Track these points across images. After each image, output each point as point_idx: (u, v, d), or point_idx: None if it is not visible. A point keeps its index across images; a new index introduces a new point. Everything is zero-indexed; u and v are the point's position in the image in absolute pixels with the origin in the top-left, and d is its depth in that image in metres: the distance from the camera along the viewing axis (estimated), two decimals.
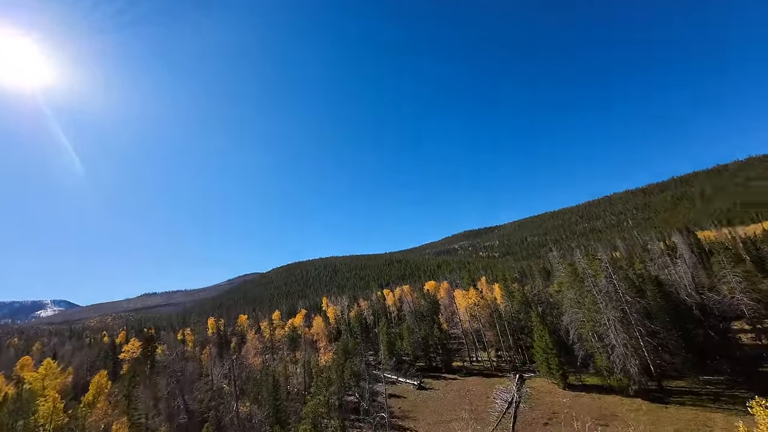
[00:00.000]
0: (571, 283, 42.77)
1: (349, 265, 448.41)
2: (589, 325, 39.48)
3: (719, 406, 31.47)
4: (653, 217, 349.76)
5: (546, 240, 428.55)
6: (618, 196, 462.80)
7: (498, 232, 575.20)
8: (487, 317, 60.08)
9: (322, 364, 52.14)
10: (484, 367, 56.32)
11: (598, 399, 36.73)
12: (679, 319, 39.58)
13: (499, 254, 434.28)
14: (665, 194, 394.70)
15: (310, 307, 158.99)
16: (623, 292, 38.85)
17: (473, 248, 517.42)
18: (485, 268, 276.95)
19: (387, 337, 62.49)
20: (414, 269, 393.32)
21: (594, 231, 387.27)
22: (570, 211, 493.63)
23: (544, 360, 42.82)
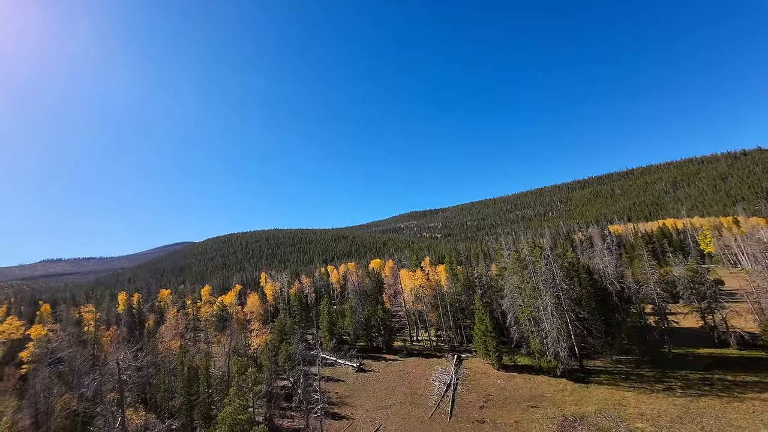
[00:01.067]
0: (515, 269, 43.56)
1: (294, 239, 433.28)
2: (528, 310, 40.72)
3: (630, 384, 34.73)
4: (573, 210, 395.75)
5: (483, 224, 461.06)
6: (547, 189, 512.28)
7: (442, 215, 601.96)
8: (431, 298, 60.29)
9: (254, 348, 47.30)
10: (424, 347, 56.82)
11: (529, 380, 38.48)
12: (603, 305, 42.93)
13: (442, 235, 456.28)
14: (584, 190, 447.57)
15: (246, 282, 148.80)
16: (560, 280, 40.49)
17: (418, 228, 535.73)
18: (429, 248, 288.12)
19: (328, 317, 59.49)
20: (360, 246, 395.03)
21: (524, 219, 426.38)
22: (505, 200, 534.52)
23: (482, 342, 43.73)
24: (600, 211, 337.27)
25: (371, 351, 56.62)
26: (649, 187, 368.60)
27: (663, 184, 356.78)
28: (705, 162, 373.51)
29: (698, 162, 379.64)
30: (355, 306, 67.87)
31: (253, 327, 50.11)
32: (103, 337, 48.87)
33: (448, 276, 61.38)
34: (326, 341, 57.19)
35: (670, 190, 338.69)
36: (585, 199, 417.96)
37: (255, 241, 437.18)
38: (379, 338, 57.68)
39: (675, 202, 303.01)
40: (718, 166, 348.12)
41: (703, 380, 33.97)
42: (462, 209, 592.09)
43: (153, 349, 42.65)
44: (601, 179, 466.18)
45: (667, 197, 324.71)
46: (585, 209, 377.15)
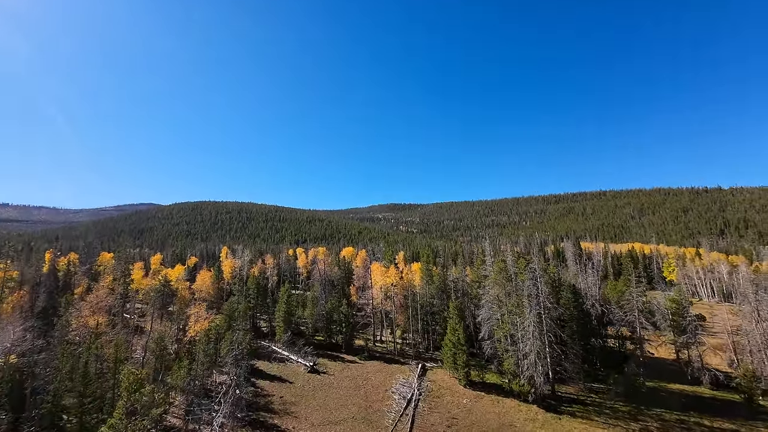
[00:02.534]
0: (498, 280, 39.57)
1: (267, 216, 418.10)
2: (506, 327, 36.92)
3: (604, 420, 31.86)
4: (545, 222, 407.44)
5: (459, 225, 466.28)
6: (524, 198, 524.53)
7: (420, 210, 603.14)
8: (401, 299, 55.83)
9: (191, 335, 40.65)
10: (387, 350, 52.45)
11: (498, 403, 34.88)
12: (584, 328, 40.05)
13: (418, 231, 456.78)
14: (559, 205, 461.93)
15: (207, 255, 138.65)
16: (544, 297, 36.92)
17: (395, 221, 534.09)
18: (404, 242, 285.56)
19: (286, 305, 53.56)
20: (335, 231, 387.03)
21: (499, 225, 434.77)
22: (482, 204, 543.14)
23: (452, 355, 39.74)
24: (571, 226, 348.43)
25: (329, 348, 51.52)
26: (618, 210, 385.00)
27: (631, 209, 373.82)
28: (671, 194, 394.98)
29: (665, 192, 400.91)
30: (319, 296, 62.31)
31: (192, 311, 43.06)
32: (3, 303, 40.15)
33: (423, 276, 57.00)
34: (280, 333, 51.39)
35: (636, 216, 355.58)
36: (558, 213, 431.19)
37: (226, 213, 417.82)
38: (339, 335, 52.64)
39: (639, 227, 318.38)
40: (682, 199, 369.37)
41: (679, 422, 31.65)
42: (440, 207, 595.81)
43: (64, 326, 35.06)
44: (576, 196, 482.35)
45: (632, 222, 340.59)
46: (557, 223, 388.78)
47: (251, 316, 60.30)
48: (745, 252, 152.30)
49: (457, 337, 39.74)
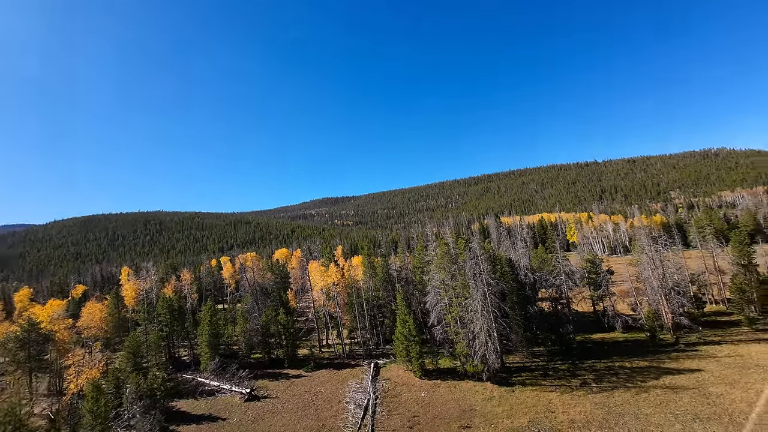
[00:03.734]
0: (443, 264, 38.78)
1: (183, 224, 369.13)
2: (455, 310, 36.36)
3: (550, 382, 33.62)
4: (468, 203, 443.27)
5: (393, 213, 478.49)
6: (448, 183, 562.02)
7: (354, 203, 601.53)
8: (345, 296, 52.27)
9: (77, 386, 30.93)
10: (335, 354, 48.66)
11: (455, 388, 34.30)
12: (522, 298, 42.05)
13: (354, 223, 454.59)
14: (478, 186, 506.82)
15: (103, 280, 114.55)
16: (487, 275, 37.32)
17: (330, 215, 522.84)
18: (341, 235, 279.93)
19: (211, 326, 45.50)
20: (265, 233, 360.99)
21: (429, 209, 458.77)
22: (412, 191, 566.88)
23: (404, 348, 38.02)
24: (489, 204, 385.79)
25: (269, 366, 45.56)
26: (525, 186, 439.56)
27: (534, 185, 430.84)
28: (562, 169, 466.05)
29: (558, 168, 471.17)
30: (251, 308, 54.97)
31: (71, 359, 32.87)
32: None
33: (365, 270, 54.20)
34: (206, 360, 43.41)
35: (539, 190, 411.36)
36: (478, 193, 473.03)
37: (128, 225, 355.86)
38: (279, 349, 46.93)
39: (542, 199, 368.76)
40: (571, 173, 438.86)
41: (608, 369, 35.13)
42: (373, 198, 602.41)
43: None
44: (491, 177, 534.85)
45: (537, 195, 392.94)
46: (478, 202, 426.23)
47: (166, 346, 50.24)
48: (622, 212, 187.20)
49: (408, 328, 38.06)
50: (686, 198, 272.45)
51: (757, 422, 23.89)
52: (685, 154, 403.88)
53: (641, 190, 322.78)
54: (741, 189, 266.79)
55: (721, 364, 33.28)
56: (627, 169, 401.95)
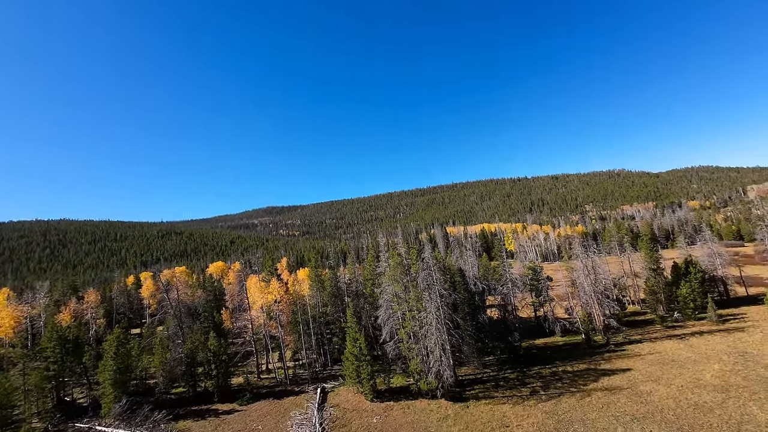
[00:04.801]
0: (396, 277, 36.95)
1: (94, 235, 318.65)
2: (409, 324, 34.58)
3: (502, 393, 33.36)
4: (415, 213, 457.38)
5: (341, 223, 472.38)
6: (396, 193, 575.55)
7: (301, 212, 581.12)
8: (289, 314, 47.45)
9: None
10: (276, 380, 43.40)
11: (409, 409, 32.15)
12: (473, 307, 42.04)
13: (300, 233, 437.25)
14: (424, 197, 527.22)
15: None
16: (440, 286, 36.41)
17: (274, 225, 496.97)
18: (286, 246, 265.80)
19: (116, 359, 37.27)
20: (200, 244, 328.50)
21: (378, 219, 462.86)
22: (361, 201, 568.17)
23: (355, 368, 34.95)
24: (435, 215, 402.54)
25: (195, 402, 38.72)
26: (466, 198, 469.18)
27: (475, 197, 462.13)
28: (498, 183, 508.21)
29: (494, 183, 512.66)
30: (174, 333, 47.04)
31: None
32: None
33: (312, 284, 50.16)
34: (108, 402, 35.12)
35: (479, 202, 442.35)
36: (425, 204, 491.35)
37: (19, 238, 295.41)
38: (208, 380, 40.28)
39: (482, 211, 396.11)
40: (505, 187, 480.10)
41: (553, 375, 36.20)
42: (321, 207, 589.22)
43: None
44: (435, 189, 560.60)
45: (477, 207, 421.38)
46: (425, 213, 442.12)
47: (54, 388, 40.01)
48: (550, 223, 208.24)
49: (359, 347, 35.19)
50: (598, 211, 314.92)
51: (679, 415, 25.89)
52: (595, 173, 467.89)
53: (563, 203, 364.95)
54: (637, 204, 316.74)
55: (645, 362, 36.40)
56: (551, 185, 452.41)
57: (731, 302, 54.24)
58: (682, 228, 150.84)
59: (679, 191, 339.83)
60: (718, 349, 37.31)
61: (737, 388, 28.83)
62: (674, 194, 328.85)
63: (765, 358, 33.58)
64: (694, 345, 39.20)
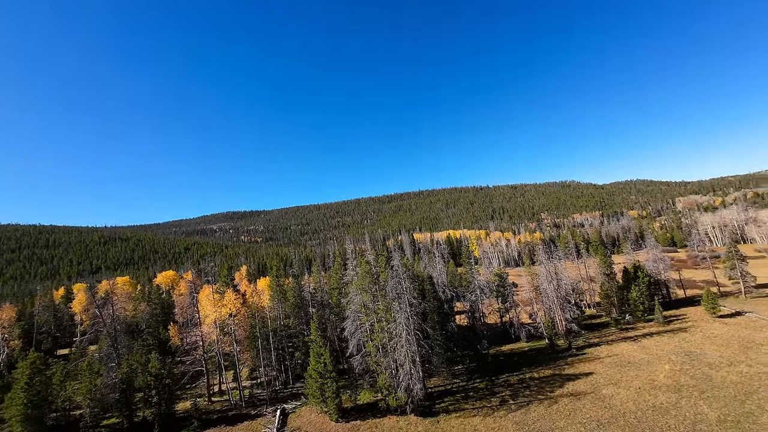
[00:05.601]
0: (364, 286, 35.03)
1: (20, 240, 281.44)
2: (378, 337, 32.71)
3: (472, 405, 32.51)
4: (383, 220, 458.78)
5: (307, 229, 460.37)
6: (364, 200, 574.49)
7: (264, 217, 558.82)
8: (247, 328, 43.46)
9: None
10: (231, 403, 39.15)
11: (377, 428, 30.10)
12: (442, 316, 41.20)
13: (263, 240, 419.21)
14: (391, 204, 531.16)
15: None
16: (409, 295, 35.10)
17: (235, 231, 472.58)
18: (247, 253, 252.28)
19: (30, 390, 31.28)
20: (148, 251, 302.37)
21: (345, 225, 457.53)
22: (328, 206, 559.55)
23: (319, 387, 32.30)
24: (402, 222, 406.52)
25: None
26: (432, 205, 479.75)
27: (440, 205, 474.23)
28: (462, 191, 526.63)
29: (459, 191, 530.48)
30: (107, 355, 41.00)
31: None
32: None
33: (274, 294, 46.57)
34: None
35: (444, 209, 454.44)
36: (392, 211, 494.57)
37: None
38: (148, 408, 35.21)
39: (447, 218, 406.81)
40: (469, 195, 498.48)
41: (521, 382, 36.15)
42: (286, 213, 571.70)
43: None
44: (403, 196, 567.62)
45: (442, 214, 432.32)
46: (392, 219, 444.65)
47: None
48: (510, 230, 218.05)
49: (323, 362, 32.63)
50: (552, 219, 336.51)
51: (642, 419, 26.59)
52: (549, 184, 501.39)
53: (521, 211, 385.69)
54: (586, 212, 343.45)
55: (605, 365, 37.66)
56: (511, 194, 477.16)
57: (673, 304, 58.95)
58: (626, 235, 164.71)
59: (620, 202, 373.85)
60: (666, 349, 39.71)
61: (688, 387, 30.44)
62: (617, 204, 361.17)
63: (707, 357, 36.14)
64: (646, 346, 41.47)
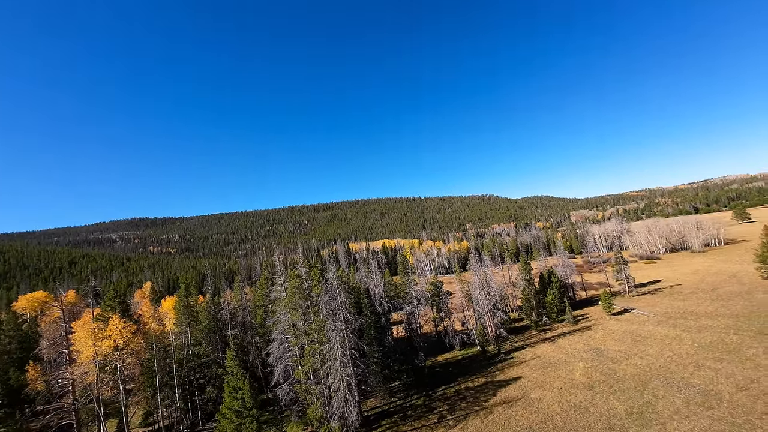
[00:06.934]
0: (294, 303, 30.91)
1: None
2: (309, 361, 28.84)
3: (411, 426, 30.67)
4: (317, 229, 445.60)
5: (233, 239, 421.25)
6: (297, 208, 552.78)
7: (181, 225, 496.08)
8: (145, 361, 35.00)
9: None
10: None
11: None
12: (379, 330, 39.05)
13: (178, 250, 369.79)
14: (326, 213, 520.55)
15: None
16: (345, 311, 32.17)
17: (142, 241, 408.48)
18: (156, 267, 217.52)
19: None
20: (14, 266, 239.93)
21: (276, 234, 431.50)
22: (257, 214, 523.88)
23: (235, 428, 26.97)
24: (337, 231, 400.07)
25: None
26: (368, 215, 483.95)
27: (375, 214, 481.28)
28: (397, 202, 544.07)
29: (393, 201, 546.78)
30: None
31: None
32: None
33: (181, 317, 38.85)
34: None
35: (379, 218, 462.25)
36: (327, 220, 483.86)
37: None
38: None
39: (382, 227, 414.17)
40: (402, 205, 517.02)
41: (457, 394, 35.75)
42: (208, 220, 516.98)
43: None
44: (338, 205, 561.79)
45: (377, 223, 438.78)
46: (327, 228, 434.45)
47: None
48: (441, 239, 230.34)
49: (241, 398, 27.40)
50: (476, 229, 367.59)
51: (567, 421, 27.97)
52: (473, 197, 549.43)
53: (449, 222, 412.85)
54: (503, 224, 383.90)
55: (530, 368, 39.74)
56: (440, 205, 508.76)
57: (578, 304, 66.88)
58: (537, 244, 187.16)
59: (530, 214, 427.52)
60: (578, 347, 43.89)
61: (599, 383, 33.41)
62: (527, 217, 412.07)
63: (609, 353, 40.77)
64: (562, 346, 45.34)
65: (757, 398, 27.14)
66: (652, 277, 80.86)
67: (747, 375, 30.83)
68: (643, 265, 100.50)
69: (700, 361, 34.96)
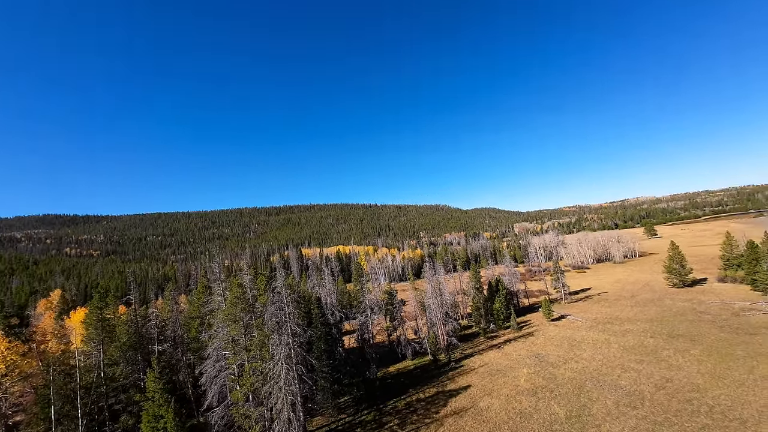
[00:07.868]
0: (236, 315, 27.69)
1: None
2: (249, 380, 25.82)
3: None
4: (268, 233, 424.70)
5: (171, 241, 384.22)
6: (247, 210, 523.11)
7: (108, 225, 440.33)
8: (39, 389, 28.73)
9: None
10: None
11: None
12: (330, 342, 36.90)
13: (102, 253, 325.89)
14: (279, 216, 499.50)
15: None
16: (293, 323, 29.70)
17: (56, 241, 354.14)
18: (71, 272, 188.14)
19: None
20: None
21: (222, 237, 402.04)
22: (201, 215, 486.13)
23: None
24: (290, 236, 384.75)
25: None
26: (323, 220, 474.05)
27: (331, 220, 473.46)
28: (353, 208, 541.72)
29: (349, 207, 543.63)
30: None
31: None
32: None
33: (93, 333, 32.93)
34: None
35: (335, 224, 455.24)
36: (279, 224, 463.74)
37: None
38: None
39: (338, 233, 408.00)
40: (359, 212, 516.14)
41: (408, 407, 34.88)
42: (142, 220, 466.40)
43: None
44: (292, 209, 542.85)
45: (332, 229, 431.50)
46: (279, 233, 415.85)
47: None
48: (395, 246, 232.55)
49: (163, 428, 23.55)
50: (429, 237, 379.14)
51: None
52: (427, 206, 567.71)
53: (404, 230, 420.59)
54: (455, 233, 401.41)
55: (479, 375, 40.45)
56: (396, 213, 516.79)
57: (521, 311, 70.88)
58: (484, 253, 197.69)
59: (479, 225, 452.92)
60: (522, 354, 45.92)
61: (542, 389, 34.92)
62: (476, 226, 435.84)
63: (550, 358, 43.19)
64: (508, 352, 47.13)
65: (672, 396, 30.25)
66: (583, 285, 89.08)
67: (663, 375, 34.45)
68: (575, 274, 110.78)
69: (626, 363, 38.44)
